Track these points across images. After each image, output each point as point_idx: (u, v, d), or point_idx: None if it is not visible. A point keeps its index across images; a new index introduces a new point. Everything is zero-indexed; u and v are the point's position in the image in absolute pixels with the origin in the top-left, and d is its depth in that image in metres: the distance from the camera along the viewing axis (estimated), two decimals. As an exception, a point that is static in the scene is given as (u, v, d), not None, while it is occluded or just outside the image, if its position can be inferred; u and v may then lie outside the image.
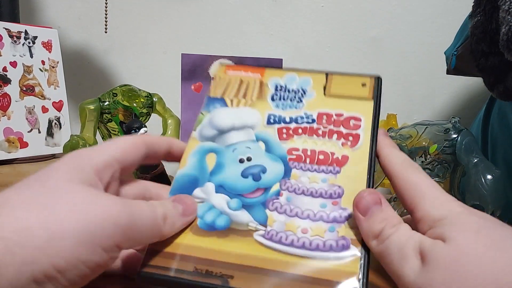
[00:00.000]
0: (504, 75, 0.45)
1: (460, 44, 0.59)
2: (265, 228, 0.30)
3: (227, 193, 0.30)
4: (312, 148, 0.32)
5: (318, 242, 0.29)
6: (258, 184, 0.31)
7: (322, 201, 0.31)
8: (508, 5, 0.40)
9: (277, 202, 0.30)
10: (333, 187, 0.31)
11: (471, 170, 0.42)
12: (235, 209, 0.30)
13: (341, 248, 0.29)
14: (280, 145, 0.32)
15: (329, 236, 0.29)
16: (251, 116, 0.33)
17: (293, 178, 0.31)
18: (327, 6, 0.82)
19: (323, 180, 0.32)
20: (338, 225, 0.30)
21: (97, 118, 0.52)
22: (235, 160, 0.31)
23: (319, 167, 0.31)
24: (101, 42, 0.84)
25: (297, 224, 0.30)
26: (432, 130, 0.46)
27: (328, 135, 0.33)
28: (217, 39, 0.82)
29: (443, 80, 0.82)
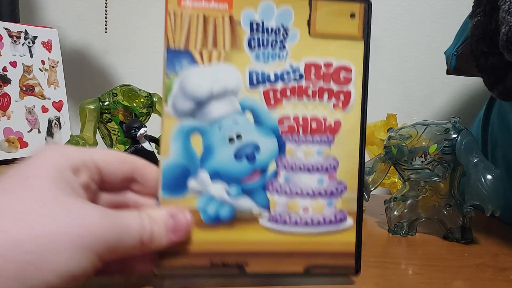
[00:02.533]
0: (504, 75, 0.45)
1: (460, 44, 0.59)
2: (268, 212, 0.30)
3: (223, 180, 0.29)
4: (303, 114, 0.30)
5: (319, 218, 0.31)
6: (254, 166, 0.30)
7: (319, 176, 0.31)
8: (508, 5, 0.40)
9: (276, 183, 0.30)
10: (328, 160, 0.31)
11: (470, 170, 0.42)
12: (235, 196, 0.29)
13: (339, 221, 0.31)
14: (270, 114, 0.30)
15: (328, 211, 0.31)
16: (230, 77, 0.29)
17: (288, 154, 0.30)
18: (327, 6, 0.82)
19: (318, 152, 0.31)
20: (335, 199, 0.31)
21: (97, 118, 0.52)
22: (224, 139, 0.29)
23: (313, 138, 0.30)
24: (101, 42, 0.84)
25: (298, 204, 0.31)
26: (432, 130, 0.46)
27: (318, 96, 0.31)
28: (217, 39, 0.82)
29: (443, 80, 0.82)
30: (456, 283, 0.36)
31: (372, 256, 0.41)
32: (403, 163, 0.48)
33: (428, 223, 0.48)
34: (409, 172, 0.48)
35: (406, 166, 0.48)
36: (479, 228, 0.51)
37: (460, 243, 0.46)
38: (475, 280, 0.36)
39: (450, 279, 0.36)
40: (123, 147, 0.55)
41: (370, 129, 0.58)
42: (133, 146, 0.51)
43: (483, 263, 0.40)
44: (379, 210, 0.59)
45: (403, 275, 0.37)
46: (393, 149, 0.48)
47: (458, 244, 0.45)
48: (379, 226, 0.52)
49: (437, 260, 0.41)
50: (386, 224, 0.50)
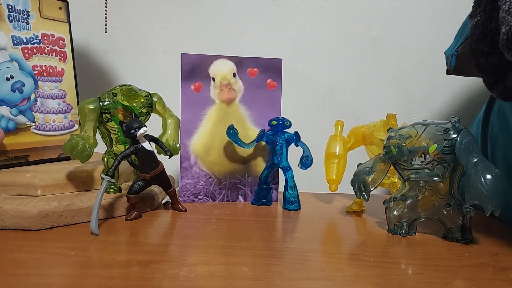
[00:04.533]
0: (504, 75, 0.45)
1: (460, 44, 0.59)
2: (35, 124, 0.56)
3: (7, 105, 0.52)
4: (44, 64, 0.54)
5: (61, 126, 0.59)
6: (23, 95, 0.53)
7: (58, 101, 0.58)
8: (508, 5, 0.40)
9: (36, 106, 0.56)
10: (61, 91, 0.58)
11: (470, 170, 0.42)
12: (16, 115, 0.53)
13: (71, 126, 0.61)
14: (27, 63, 0.52)
15: (65, 121, 0.60)
16: (1, 38, 0.49)
17: (40, 88, 0.55)
18: (327, 6, 0.82)
19: (55, 87, 0.57)
20: (68, 114, 0.60)
21: (97, 117, 0.52)
22: (3, 79, 0.50)
23: (51, 78, 0.56)
24: (101, 42, 0.84)
25: (50, 118, 0.57)
26: (431, 130, 0.46)
27: (50, 53, 0.55)
28: (217, 39, 0.82)
29: (443, 80, 0.82)
30: (456, 283, 0.36)
31: (372, 256, 0.41)
32: (403, 163, 0.48)
33: (428, 223, 0.48)
34: (408, 172, 0.48)
35: (405, 166, 0.48)
36: (479, 228, 0.51)
37: (460, 243, 0.46)
38: (475, 279, 0.36)
39: (450, 278, 0.36)
40: (123, 146, 0.55)
41: (370, 129, 0.58)
42: (133, 145, 0.51)
43: (483, 262, 0.40)
44: (378, 210, 0.59)
45: (403, 275, 0.37)
46: (393, 149, 0.48)
47: (458, 244, 0.45)
48: (378, 226, 0.52)
49: (437, 260, 0.41)
50: (386, 224, 0.50)
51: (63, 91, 0.58)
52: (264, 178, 0.62)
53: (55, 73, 0.56)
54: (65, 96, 0.59)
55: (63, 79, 0.58)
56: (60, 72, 0.57)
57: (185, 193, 0.62)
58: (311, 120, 0.83)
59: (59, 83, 0.57)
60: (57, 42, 0.56)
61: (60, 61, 0.56)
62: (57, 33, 0.56)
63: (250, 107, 0.63)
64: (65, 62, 0.57)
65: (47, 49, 0.54)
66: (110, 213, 0.52)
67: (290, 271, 0.37)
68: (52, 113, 0.57)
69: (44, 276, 0.34)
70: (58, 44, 0.56)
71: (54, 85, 0.56)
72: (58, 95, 0.58)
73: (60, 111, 0.58)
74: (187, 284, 0.33)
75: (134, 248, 0.42)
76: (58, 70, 0.57)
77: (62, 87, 0.58)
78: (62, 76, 0.57)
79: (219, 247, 0.43)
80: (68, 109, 0.60)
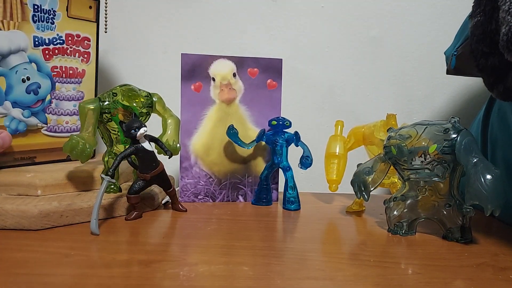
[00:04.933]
0: (504, 75, 0.45)
1: (460, 44, 0.59)
2: (46, 125, 0.55)
3: (20, 107, 0.51)
4: (65, 65, 0.53)
5: (74, 127, 0.58)
6: (38, 97, 0.52)
7: (74, 102, 0.57)
8: (508, 5, 0.40)
9: (50, 108, 0.55)
10: (79, 93, 0.57)
11: (470, 170, 0.42)
12: (27, 117, 0.52)
13: None
14: (46, 64, 0.52)
15: (79, 123, 0.55)
16: (21, 39, 0.49)
17: (57, 89, 0.55)
18: (327, 6, 0.82)
19: (73, 88, 0.56)
20: None
21: (97, 117, 0.52)
22: (19, 80, 0.50)
23: (71, 80, 0.55)
24: (101, 42, 0.84)
25: (63, 120, 0.57)
26: (431, 130, 0.46)
27: (73, 54, 0.54)
28: (217, 39, 0.82)
29: (443, 80, 0.82)
30: (456, 283, 0.36)
31: (372, 256, 0.41)
32: (403, 163, 0.48)
33: (427, 223, 0.48)
34: (408, 172, 0.48)
35: (406, 166, 0.48)
36: (479, 228, 0.51)
37: (460, 243, 0.46)
38: (475, 279, 0.36)
39: (450, 278, 0.36)
40: (123, 146, 0.55)
41: (370, 129, 0.58)
42: (133, 145, 0.51)
43: (483, 262, 0.40)
44: (379, 210, 0.59)
45: (403, 274, 0.37)
46: (393, 149, 0.48)
47: (457, 244, 0.46)
48: (379, 226, 0.52)
49: (437, 259, 0.41)
50: (386, 224, 0.50)
51: (81, 92, 0.57)
52: (264, 178, 0.62)
53: (75, 75, 0.55)
54: (83, 98, 0.58)
55: (83, 80, 0.57)
56: (80, 73, 0.55)
57: (185, 193, 0.62)
58: (311, 120, 0.83)
59: (78, 85, 0.56)
60: (82, 43, 0.54)
61: (82, 62, 0.55)
62: (82, 33, 0.55)
63: (250, 107, 0.63)
64: (87, 63, 0.56)
65: (70, 49, 0.53)
66: (110, 213, 0.52)
67: (290, 271, 0.37)
68: (66, 114, 0.56)
69: (45, 276, 0.34)
70: (83, 45, 0.54)
71: (72, 86, 0.56)
72: (75, 96, 0.56)
73: (75, 112, 0.57)
74: (188, 283, 0.33)
75: (134, 247, 0.42)
76: (79, 71, 0.55)
77: (80, 88, 0.57)
78: (82, 77, 0.56)
79: (219, 247, 0.43)
80: None
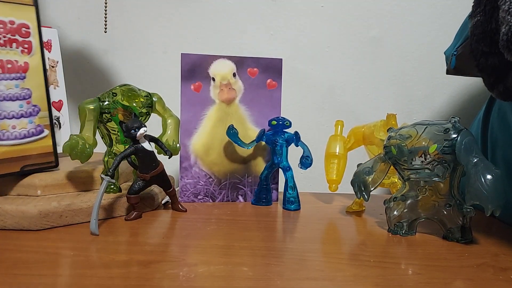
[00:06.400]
0: (504, 75, 0.45)
1: (460, 44, 0.59)
2: None
3: None
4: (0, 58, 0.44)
5: (24, 132, 0.47)
6: None
7: (19, 102, 0.47)
8: (508, 5, 0.40)
9: None
10: (24, 90, 0.47)
11: (470, 170, 0.42)
12: None
13: (39, 132, 0.49)
14: None
15: (30, 126, 0.48)
16: None
17: None
18: (327, 6, 0.82)
19: (16, 85, 0.46)
20: (33, 117, 0.48)
21: (97, 118, 0.52)
22: None
23: (10, 75, 0.45)
24: (101, 42, 0.84)
25: (7, 124, 0.46)
26: (431, 130, 0.46)
27: (9, 45, 0.45)
28: (217, 39, 0.82)
29: (443, 80, 0.82)
30: (456, 283, 0.36)
31: (372, 256, 0.41)
32: (403, 163, 0.48)
33: (428, 223, 0.48)
34: (409, 172, 0.48)
35: (406, 166, 0.48)
36: (479, 228, 0.51)
37: (460, 243, 0.46)
38: (475, 280, 0.36)
39: (450, 279, 0.36)
40: (122, 147, 0.55)
41: (370, 129, 0.58)
42: (133, 146, 0.51)
43: (483, 263, 0.40)
44: (379, 210, 0.59)
45: (403, 275, 0.37)
46: (393, 149, 0.48)
47: (458, 244, 0.45)
48: (379, 226, 0.52)
49: (437, 260, 0.41)
50: (386, 224, 0.50)
51: (27, 90, 0.47)
52: (264, 178, 0.62)
53: (15, 69, 0.45)
54: (30, 96, 0.47)
55: (27, 75, 0.46)
56: (23, 67, 0.45)
57: (185, 193, 0.62)
58: (311, 120, 0.83)
59: (21, 81, 0.46)
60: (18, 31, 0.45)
61: (23, 54, 0.45)
62: (17, 19, 0.45)
63: (250, 107, 0.63)
64: (30, 54, 0.46)
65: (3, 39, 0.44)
66: (110, 213, 0.52)
67: (290, 271, 0.37)
68: (11, 117, 0.46)
69: (44, 276, 0.34)
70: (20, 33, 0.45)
71: (14, 83, 0.45)
72: (19, 95, 0.46)
73: (23, 114, 0.47)
74: (187, 284, 0.33)
75: (134, 248, 0.42)
76: (20, 64, 0.45)
77: (25, 85, 0.46)
78: (25, 71, 0.46)
79: (219, 247, 0.43)
80: (35, 112, 0.48)
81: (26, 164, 0.48)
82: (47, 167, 0.51)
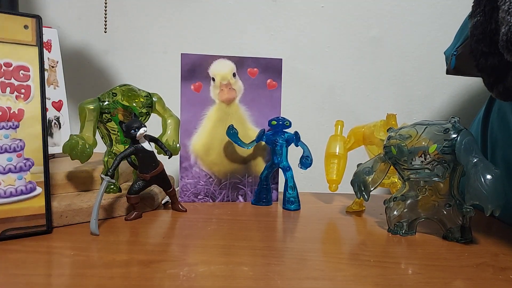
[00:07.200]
0: (503, 75, 0.45)
1: (460, 44, 0.59)
2: None
3: None
4: None
5: (11, 190, 0.39)
6: None
7: (8, 155, 0.40)
8: (508, 5, 0.40)
9: None
10: (16, 141, 0.40)
11: (470, 170, 0.42)
12: None
13: (30, 190, 0.41)
14: None
15: (19, 183, 0.40)
16: None
17: None
18: (327, 6, 0.82)
19: (5, 136, 0.39)
20: (24, 173, 0.40)
21: (97, 118, 0.52)
22: None
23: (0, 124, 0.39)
24: (101, 42, 0.84)
25: None
26: (431, 130, 0.46)
27: (1, 89, 0.39)
28: (217, 39, 0.82)
29: (443, 80, 0.82)
30: (456, 283, 0.36)
31: (372, 256, 0.41)
32: (403, 163, 0.48)
33: (428, 223, 0.48)
34: (408, 172, 0.48)
35: (406, 166, 0.48)
36: (479, 228, 0.51)
37: (460, 242, 0.46)
38: (475, 279, 0.36)
39: (450, 278, 0.36)
40: (122, 147, 0.55)
41: (370, 129, 0.58)
42: (133, 146, 0.51)
43: (483, 262, 0.40)
44: (379, 210, 0.59)
45: (403, 274, 0.37)
46: (393, 149, 0.48)
47: (457, 244, 0.45)
48: (379, 226, 0.52)
49: (437, 259, 0.41)
50: (386, 224, 0.50)
51: (18, 141, 0.40)
52: (264, 178, 0.62)
53: (5, 117, 0.40)
54: (22, 148, 0.40)
55: (21, 123, 0.41)
56: (16, 115, 0.40)
57: (185, 193, 0.62)
58: (311, 120, 0.83)
59: (13, 130, 0.40)
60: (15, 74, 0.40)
61: (18, 99, 0.40)
62: (15, 61, 0.40)
63: (250, 107, 0.63)
64: (27, 100, 0.40)
65: None
66: (110, 213, 0.52)
67: (290, 271, 0.37)
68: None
69: (44, 276, 0.34)
70: (16, 76, 0.40)
71: (4, 133, 0.40)
72: (9, 147, 0.40)
73: (11, 169, 0.40)
74: (188, 283, 0.33)
75: (134, 248, 0.42)
76: (14, 112, 0.40)
77: (18, 135, 0.40)
78: (19, 120, 0.40)
79: (219, 247, 0.43)
80: (26, 167, 0.41)
81: (8, 228, 0.40)
82: (35, 232, 0.42)
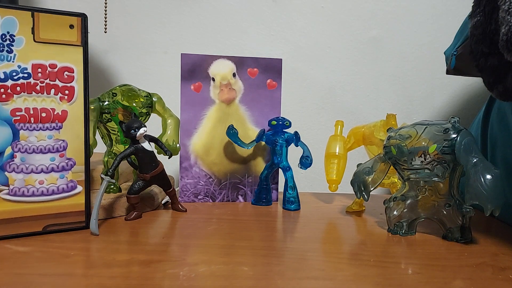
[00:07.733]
0: (503, 75, 0.45)
1: (460, 44, 0.59)
2: (8, 187, 0.39)
3: None
4: (33, 106, 0.39)
5: (53, 188, 0.41)
6: None
7: (51, 155, 0.41)
8: (508, 5, 0.40)
9: (13, 164, 0.40)
10: (58, 142, 0.41)
11: (470, 170, 0.42)
12: None
13: (71, 189, 0.43)
14: (2, 107, 0.38)
15: (60, 182, 0.42)
16: None
17: (22, 139, 0.39)
18: (327, 7, 0.82)
19: (49, 136, 0.41)
20: (66, 172, 0.42)
21: (97, 118, 0.52)
22: None
23: (44, 125, 0.40)
24: (101, 42, 0.84)
25: (34, 178, 0.41)
26: (431, 130, 0.46)
27: (45, 91, 0.40)
28: (217, 39, 0.82)
29: (442, 80, 0.82)
30: (456, 283, 0.36)
31: (372, 256, 0.41)
32: (402, 163, 0.48)
33: (427, 223, 0.48)
34: (408, 172, 0.48)
35: (405, 166, 0.48)
36: (479, 228, 0.51)
37: (460, 242, 0.46)
38: (474, 279, 0.36)
39: (450, 278, 0.36)
40: (122, 147, 0.55)
41: (370, 129, 0.58)
42: (133, 146, 0.51)
43: (482, 262, 0.40)
44: (378, 210, 0.59)
45: (403, 274, 0.37)
46: (393, 149, 0.48)
47: (457, 243, 0.46)
48: (378, 226, 0.52)
49: (436, 259, 0.41)
50: (385, 224, 0.50)
51: (61, 141, 0.42)
52: (264, 178, 0.62)
53: (50, 118, 0.41)
54: (65, 149, 0.42)
55: (65, 125, 0.42)
56: (60, 116, 0.41)
57: (185, 193, 0.62)
58: (311, 120, 0.83)
59: (57, 131, 0.42)
60: (60, 75, 0.40)
61: (62, 101, 0.41)
62: (60, 62, 0.40)
63: (250, 107, 0.63)
64: (70, 101, 0.41)
65: (40, 85, 0.39)
66: (110, 213, 0.52)
67: (290, 271, 0.37)
68: (39, 172, 0.41)
69: (45, 276, 0.34)
70: (61, 78, 0.40)
71: (47, 134, 0.41)
72: (52, 147, 0.42)
73: (54, 169, 0.42)
74: (188, 283, 0.33)
75: (134, 247, 0.42)
76: (57, 113, 0.41)
77: (61, 136, 0.42)
78: (63, 121, 0.41)
79: (219, 247, 0.43)
80: (68, 166, 0.43)
81: (50, 224, 0.43)
82: (74, 228, 0.45)
